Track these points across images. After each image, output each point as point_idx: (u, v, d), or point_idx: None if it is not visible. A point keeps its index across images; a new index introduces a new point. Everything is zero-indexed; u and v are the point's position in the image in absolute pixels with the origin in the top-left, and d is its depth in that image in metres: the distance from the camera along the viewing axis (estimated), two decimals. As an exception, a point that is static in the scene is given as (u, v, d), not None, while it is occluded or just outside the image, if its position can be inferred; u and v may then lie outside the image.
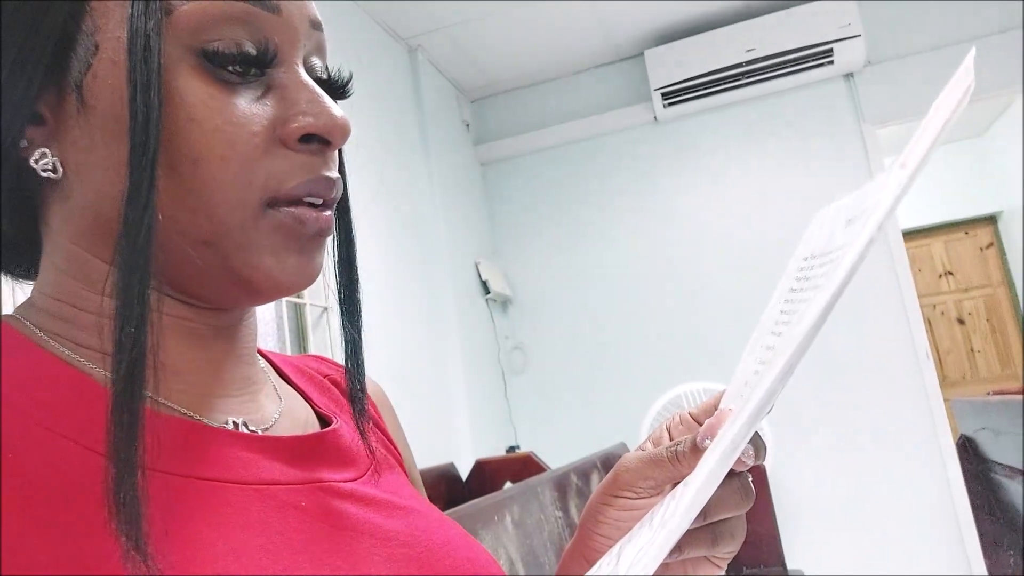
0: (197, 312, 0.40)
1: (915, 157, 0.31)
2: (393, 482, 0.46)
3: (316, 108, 0.37)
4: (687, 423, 0.47)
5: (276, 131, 0.37)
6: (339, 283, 0.46)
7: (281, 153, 0.37)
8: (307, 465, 0.40)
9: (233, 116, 0.35)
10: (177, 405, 0.38)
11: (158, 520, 0.30)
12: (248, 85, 0.36)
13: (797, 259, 0.40)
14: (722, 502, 0.40)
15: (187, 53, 0.35)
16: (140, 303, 0.32)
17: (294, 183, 0.37)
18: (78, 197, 0.36)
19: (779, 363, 0.33)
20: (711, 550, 0.42)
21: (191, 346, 0.40)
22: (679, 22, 3.15)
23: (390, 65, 2.86)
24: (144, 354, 0.32)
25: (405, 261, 2.64)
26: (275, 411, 0.44)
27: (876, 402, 2.90)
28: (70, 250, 0.37)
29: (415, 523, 0.43)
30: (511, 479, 2.49)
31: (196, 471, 0.35)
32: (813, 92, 3.11)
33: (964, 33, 2.93)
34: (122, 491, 0.29)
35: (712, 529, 0.42)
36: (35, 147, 0.36)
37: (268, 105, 0.37)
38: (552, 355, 3.35)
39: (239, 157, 0.35)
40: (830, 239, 0.36)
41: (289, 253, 0.38)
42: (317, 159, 0.38)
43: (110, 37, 0.34)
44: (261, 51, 0.36)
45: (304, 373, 0.51)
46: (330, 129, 0.38)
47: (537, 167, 3.49)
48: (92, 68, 0.35)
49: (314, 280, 0.40)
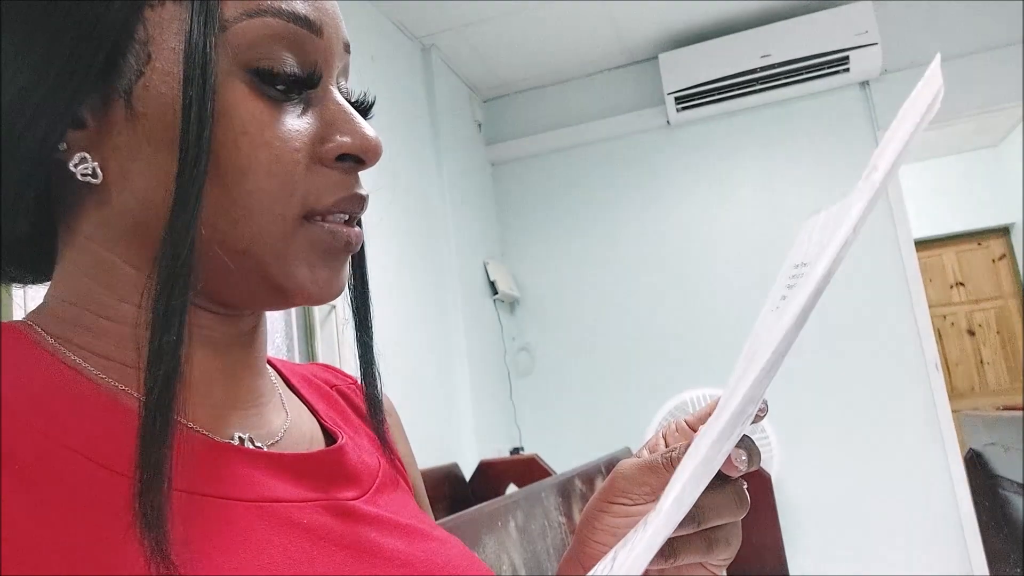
0: (217, 320, 0.40)
1: (885, 162, 0.31)
2: (397, 500, 0.46)
3: (352, 128, 0.39)
4: (683, 430, 0.47)
5: (315, 149, 0.38)
6: (352, 295, 0.46)
7: (319, 170, 0.38)
8: (311, 483, 0.40)
9: (280, 132, 0.36)
10: (187, 418, 0.38)
11: (177, 531, 0.31)
12: (290, 102, 0.38)
13: (788, 266, 0.41)
14: (716, 508, 0.40)
15: (238, 69, 0.36)
16: (179, 314, 0.33)
17: (329, 200, 0.38)
18: (116, 203, 0.36)
19: (758, 366, 0.33)
20: (706, 556, 0.42)
21: (207, 355, 0.40)
22: (694, 26, 3.13)
23: (403, 64, 2.86)
24: (179, 368, 0.32)
25: (414, 259, 2.64)
26: (281, 426, 0.44)
27: (884, 412, 2.89)
28: (99, 256, 0.37)
29: (417, 543, 0.42)
30: (515, 481, 2.49)
31: (199, 487, 0.35)
32: (828, 99, 3.09)
33: (981, 43, 2.90)
34: (148, 500, 0.30)
35: (707, 536, 0.41)
36: (74, 151, 0.36)
37: (308, 123, 0.38)
38: (558, 357, 3.34)
39: (283, 171, 0.36)
40: (819, 246, 0.36)
41: (321, 266, 0.39)
42: (351, 177, 0.40)
43: (165, 48, 0.35)
44: (308, 72, 0.38)
45: (312, 384, 0.51)
46: (365, 150, 0.39)
47: (548, 169, 3.48)
48: (144, 77, 0.35)
49: (340, 294, 0.41)
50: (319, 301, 0.40)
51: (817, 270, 0.32)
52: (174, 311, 0.33)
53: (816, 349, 2.96)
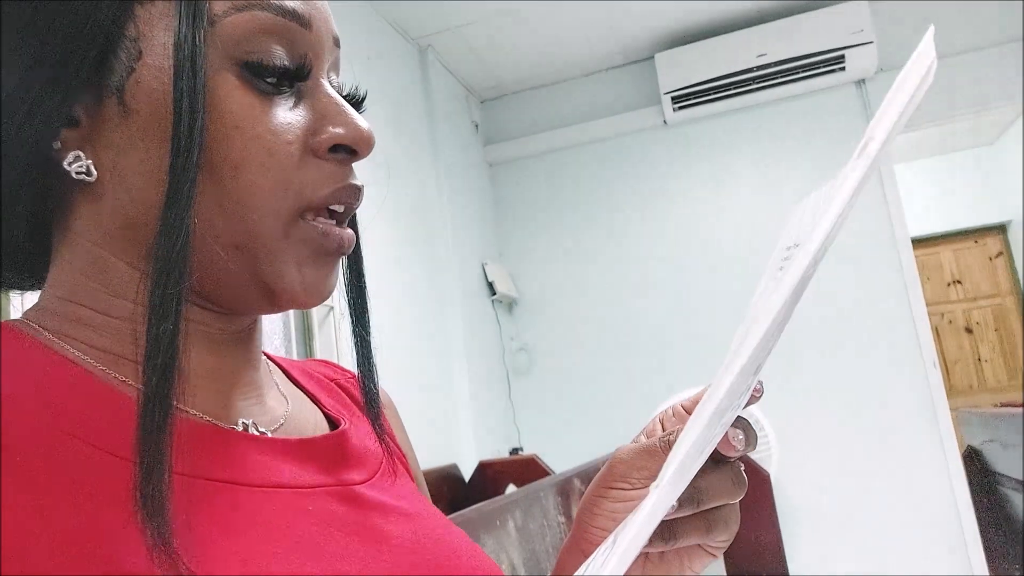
0: (215, 317, 0.40)
1: (881, 131, 0.31)
2: (401, 487, 0.46)
3: (344, 119, 0.39)
4: (679, 415, 0.47)
5: (308, 141, 0.38)
6: (348, 290, 0.47)
7: (312, 162, 0.38)
8: (316, 467, 0.41)
9: (272, 125, 0.37)
10: (189, 407, 0.38)
11: (180, 518, 0.31)
12: (281, 96, 0.38)
13: (779, 249, 0.40)
14: (714, 489, 0.41)
15: (228, 63, 0.36)
16: (174, 306, 0.33)
17: (325, 192, 0.38)
18: (110, 200, 0.37)
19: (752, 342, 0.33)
20: (705, 538, 0.42)
21: (206, 351, 0.40)
22: (690, 26, 3.13)
23: (400, 65, 2.86)
24: (176, 356, 0.33)
25: (411, 260, 2.64)
26: (283, 413, 0.44)
27: (882, 411, 2.89)
28: (94, 253, 0.38)
29: (421, 529, 0.43)
30: (514, 481, 2.49)
31: (206, 472, 0.35)
32: (824, 98, 3.09)
33: (977, 42, 2.91)
34: (149, 488, 0.30)
35: (706, 517, 0.42)
36: (68, 149, 0.36)
37: (300, 116, 0.38)
38: (557, 357, 3.34)
39: (277, 165, 0.37)
40: (812, 222, 0.36)
41: (311, 267, 0.39)
42: (344, 169, 0.40)
43: (155, 44, 0.35)
44: (297, 64, 0.38)
45: (311, 376, 0.52)
46: (357, 140, 0.39)
47: (546, 169, 3.48)
48: (135, 73, 0.35)
49: (328, 297, 0.41)
50: (306, 303, 0.40)
51: (812, 242, 0.32)
52: (170, 300, 0.33)
53: (814, 348, 2.96)
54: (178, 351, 0.33)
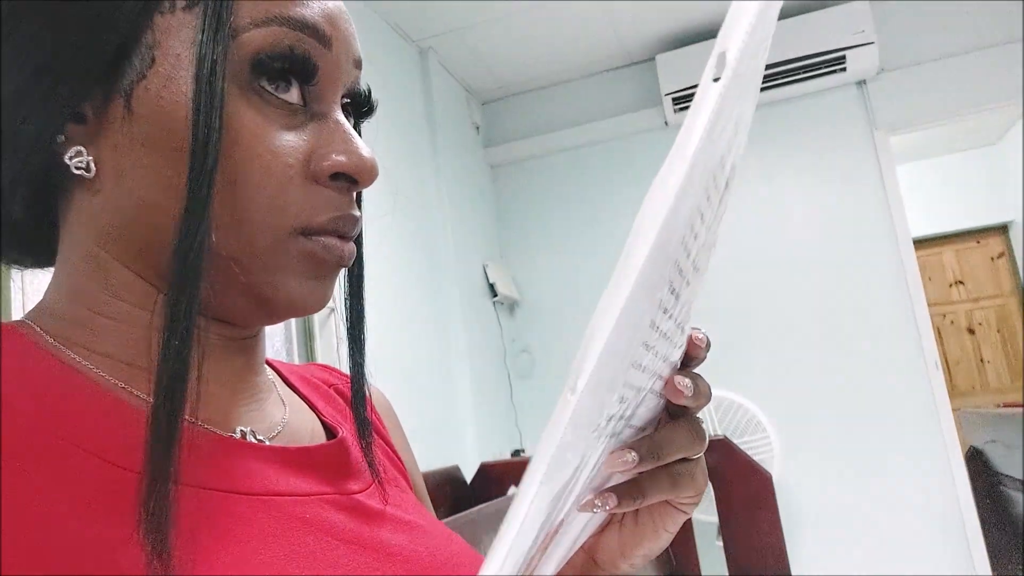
0: (219, 326, 0.40)
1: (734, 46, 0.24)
2: (398, 496, 0.46)
3: (348, 147, 0.39)
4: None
5: (310, 165, 0.38)
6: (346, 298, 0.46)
7: (312, 188, 0.38)
8: (312, 476, 0.40)
9: (272, 145, 0.36)
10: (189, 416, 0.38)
11: (182, 531, 0.31)
12: (289, 115, 0.37)
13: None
14: (673, 442, 0.39)
15: (240, 77, 0.36)
16: (188, 318, 0.33)
17: (322, 219, 0.38)
18: (108, 199, 0.37)
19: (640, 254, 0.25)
20: (672, 493, 0.40)
21: (209, 358, 0.40)
22: (691, 27, 3.13)
23: (401, 67, 2.86)
24: (187, 369, 0.32)
25: (412, 262, 2.64)
26: (280, 420, 0.44)
27: (884, 411, 2.88)
28: (92, 252, 0.38)
29: (419, 538, 0.43)
30: (516, 483, 2.48)
31: (203, 481, 0.35)
32: (825, 99, 3.09)
33: (978, 42, 2.91)
34: (153, 501, 0.30)
35: (669, 471, 0.40)
36: (71, 144, 0.36)
37: (304, 139, 0.38)
38: (559, 359, 3.34)
39: (273, 185, 0.36)
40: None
41: (310, 278, 0.39)
42: (344, 197, 0.39)
43: (169, 54, 0.35)
44: (309, 85, 0.38)
45: (309, 383, 0.51)
46: (359, 170, 0.39)
47: (547, 170, 3.48)
48: (146, 80, 0.35)
49: (324, 306, 0.41)
50: (304, 312, 0.40)
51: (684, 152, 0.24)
52: (181, 315, 0.33)
53: (816, 349, 2.96)
54: (189, 364, 0.33)
